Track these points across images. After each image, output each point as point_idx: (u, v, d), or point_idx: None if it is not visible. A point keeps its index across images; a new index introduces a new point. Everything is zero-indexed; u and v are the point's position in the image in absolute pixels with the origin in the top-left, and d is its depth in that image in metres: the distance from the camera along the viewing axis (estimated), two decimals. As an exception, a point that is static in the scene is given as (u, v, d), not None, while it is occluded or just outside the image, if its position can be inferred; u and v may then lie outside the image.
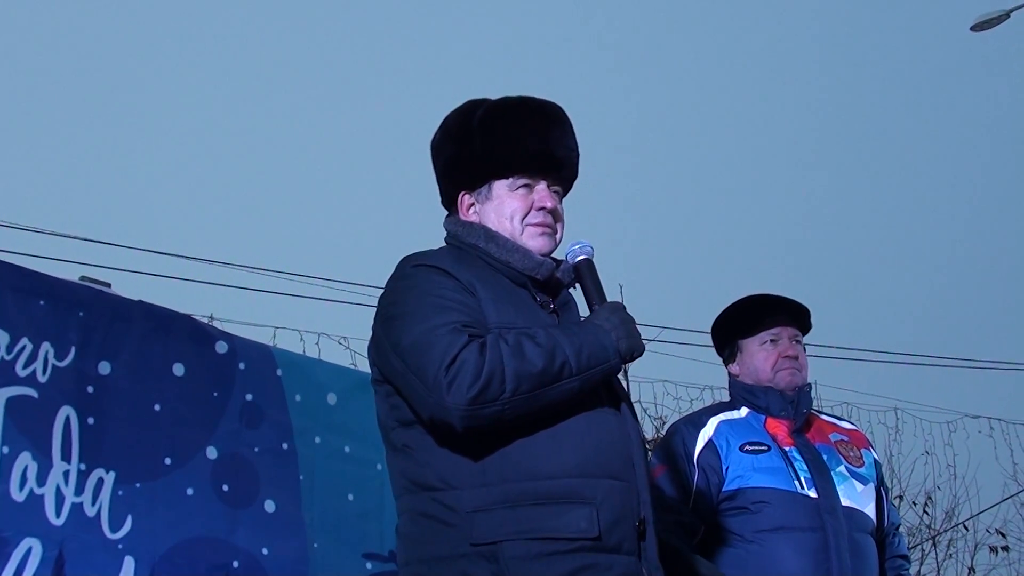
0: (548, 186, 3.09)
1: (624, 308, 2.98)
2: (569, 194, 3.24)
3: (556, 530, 2.71)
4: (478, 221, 3.10)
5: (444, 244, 3.16)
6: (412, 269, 2.95)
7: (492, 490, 2.74)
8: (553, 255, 3.12)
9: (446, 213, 3.23)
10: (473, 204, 3.12)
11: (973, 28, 15.11)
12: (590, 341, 2.83)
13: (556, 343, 2.78)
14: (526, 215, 3.06)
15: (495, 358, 2.70)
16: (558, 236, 3.11)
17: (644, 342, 2.97)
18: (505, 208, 3.07)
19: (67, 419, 3.87)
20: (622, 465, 2.84)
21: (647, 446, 3.10)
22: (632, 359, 2.93)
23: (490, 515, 2.73)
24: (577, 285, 3.11)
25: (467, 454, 2.78)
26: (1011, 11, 14.68)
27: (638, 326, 2.98)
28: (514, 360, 2.71)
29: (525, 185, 3.07)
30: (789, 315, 4.26)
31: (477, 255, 3.05)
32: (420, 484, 2.85)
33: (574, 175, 3.20)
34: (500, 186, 3.08)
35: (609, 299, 3.04)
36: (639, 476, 2.88)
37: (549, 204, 3.07)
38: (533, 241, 3.05)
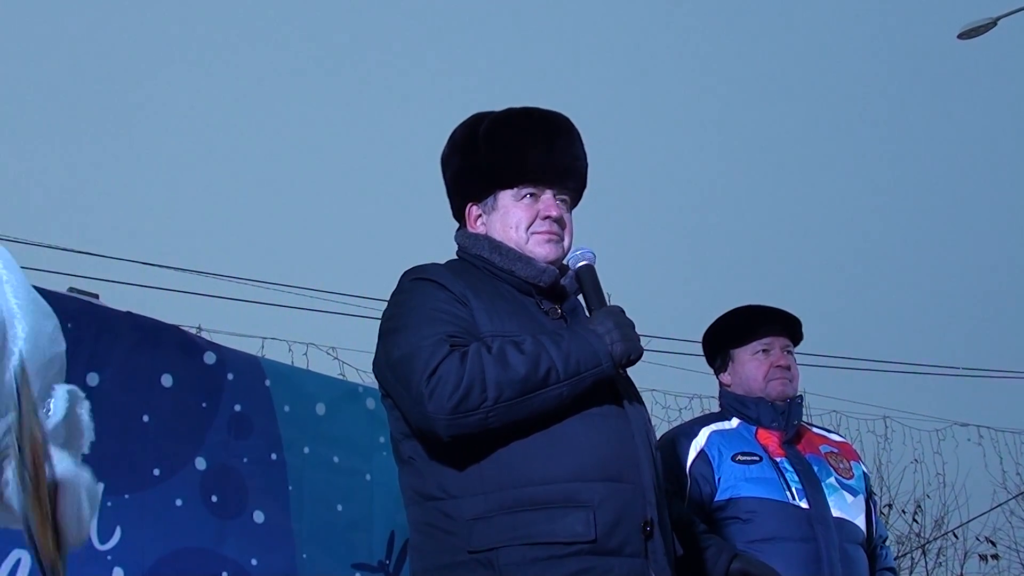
0: (554, 195, 3.10)
1: (622, 312, 2.98)
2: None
3: (552, 534, 2.71)
4: (484, 232, 3.12)
5: (455, 257, 3.19)
6: (409, 283, 2.99)
7: (490, 497, 2.76)
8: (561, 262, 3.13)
9: (449, 225, 3.26)
10: (481, 215, 3.15)
11: (960, 36, 15.15)
12: (580, 346, 2.83)
13: (542, 350, 2.78)
14: (531, 224, 3.07)
15: (475, 367, 2.71)
16: (565, 244, 3.11)
17: (641, 346, 2.95)
18: (510, 218, 3.09)
19: (56, 430, 3.85)
20: (625, 467, 2.83)
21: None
22: (629, 363, 2.93)
23: (488, 522, 2.74)
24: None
25: (465, 463, 2.80)
26: (998, 19, 14.72)
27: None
28: (496, 368, 2.72)
29: (530, 194, 3.09)
30: (781, 325, 4.27)
31: (483, 266, 3.08)
32: (423, 494, 2.88)
33: (582, 185, 3.21)
34: (505, 196, 3.10)
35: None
36: (645, 477, 2.86)
37: (554, 213, 3.08)
38: (539, 248, 3.06)
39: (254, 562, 4.23)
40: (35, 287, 3.97)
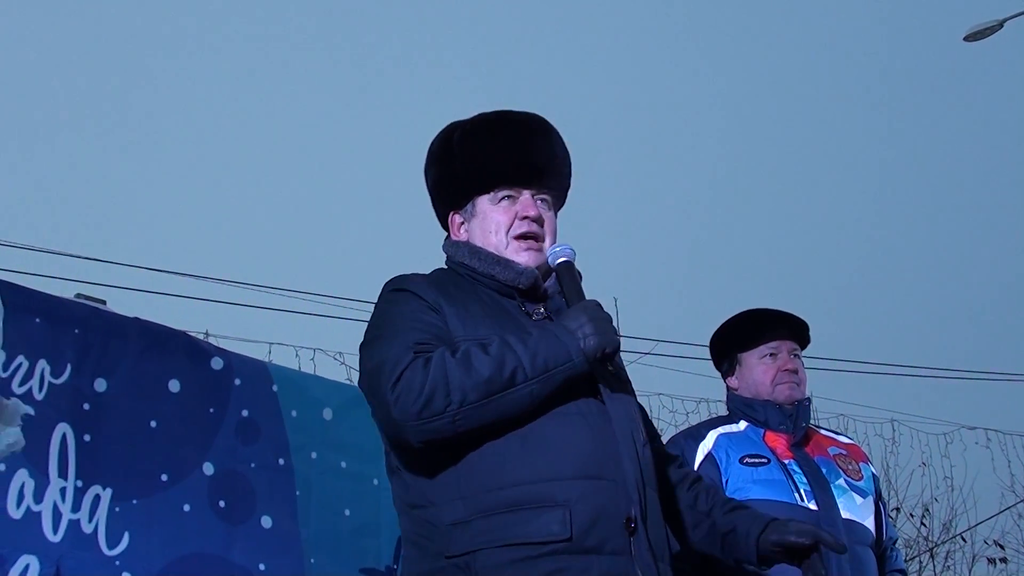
0: (532, 196, 3.09)
1: (597, 306, 2.93)
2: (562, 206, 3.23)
3: (527, 535, 2.68)
4: (467, 239, 3.13)
5: (443, 266, 3.19)
6: (388, 294, 3.01)
7: (467, 502, 2.75)
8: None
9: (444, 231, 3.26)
10: (463, 223, 3.17)
11: (966, 38, 15.15)
12: (548, 344, 2.80)
13: (507, 350, 2.76)
14: (511, 226, 3.07)
15: (438, 371, 2.71)
16: (546, 244, 3.10)
17: (617, 337, 2.91)
18: (489, 222, 3.09)
19: (64, 436, 3.86)
20: (604, 464, 2.79)
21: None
22: (605, 356, 2.87)
23: (466, 527, 2.73)
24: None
25: (442, 469, 2.80)
26: (1004, 21, 14.73)
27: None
28: (459, 371, 2.71)
29: (507, 197, 3.09)
30: (788, 329, 4.27)
31: (465, 273, 3.08)
32: (409, 504, 2.89)
33: (562, 183, 3.21)
34: (483, 201, 3.11)
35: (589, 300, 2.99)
36: (628, 473, 2.81)
37: (532, 212, 3.07)
38: (518, 257, 3.06)
39: (262, 567, 4.23)
40: (42, 293, 4.03)
